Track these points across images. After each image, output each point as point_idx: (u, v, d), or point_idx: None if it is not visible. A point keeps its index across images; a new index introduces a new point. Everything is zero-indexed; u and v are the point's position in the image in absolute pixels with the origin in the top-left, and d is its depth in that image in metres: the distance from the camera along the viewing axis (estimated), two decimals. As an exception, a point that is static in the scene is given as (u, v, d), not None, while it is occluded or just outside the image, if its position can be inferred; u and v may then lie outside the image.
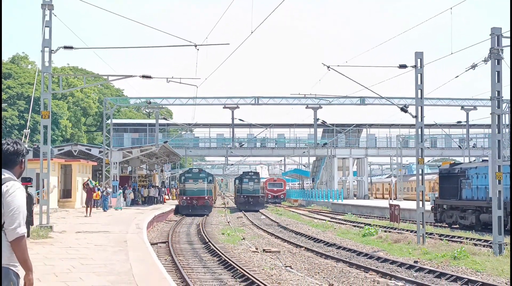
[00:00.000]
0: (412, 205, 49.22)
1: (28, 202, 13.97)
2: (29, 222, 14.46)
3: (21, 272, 5.75)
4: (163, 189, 73.27)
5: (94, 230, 28.27)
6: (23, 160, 6.08)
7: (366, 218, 54.27)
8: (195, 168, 69.34)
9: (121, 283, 13.53)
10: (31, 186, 23.74)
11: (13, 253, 5.64)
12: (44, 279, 13.81)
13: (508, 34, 25.60)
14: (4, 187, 5.59)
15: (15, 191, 5.63)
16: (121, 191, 52.18)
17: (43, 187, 27.34)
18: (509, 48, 25.77)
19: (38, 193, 26.60)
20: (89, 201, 40.38)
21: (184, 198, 57.81)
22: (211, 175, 62.68)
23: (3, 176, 5.73)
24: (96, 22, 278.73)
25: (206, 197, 58.42)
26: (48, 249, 20.27)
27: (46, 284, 13.16)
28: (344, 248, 29.21)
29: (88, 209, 39.38)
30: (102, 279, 14.02)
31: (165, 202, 69.80)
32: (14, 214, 5.55)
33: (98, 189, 47.00)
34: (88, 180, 45.27)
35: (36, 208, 26.30)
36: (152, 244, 26.00)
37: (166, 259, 23.56)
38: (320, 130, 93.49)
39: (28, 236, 17.11)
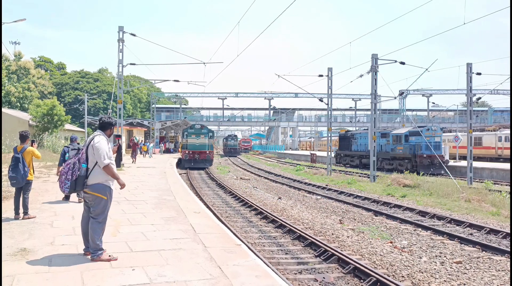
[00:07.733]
0: (323, 154, 49.69)
1: (119, 149, 13.95)
2: (120, 160, 14.18)
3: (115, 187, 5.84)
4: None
5: (146, 166, 28.05)
6: (112, 127, 6.49)
7: (297, 161, 54.63)
8: (198, 124, 39.61)
9: (165, 195, 13.51)
10: (121, 140, 24.01)
11: (106, 175, 5.99)
12: (122, 193, 13.77)
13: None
14: (95, 138, 6.00)
15: (99, 141, 6.00)
16: (152, 144, 45.96)
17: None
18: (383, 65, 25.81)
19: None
20: (134, 152, 33.70)
21: (187, 152, 36.54)
22: (212, 131, 38.94)
23: (95, 134, 6.13)
24: (147, 48, 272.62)
25: (208, 152, 37.21)
26: (121, 176, 20.02)
27: (123, 195, 13.13)
28: (285, 177, 29.43)
29: (133, 158, 33.08)
30: (154, 193, 13.98)
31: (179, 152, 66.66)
32: (100, 153, 5.91)
33: (142, 143, 45.02)
34: (133, 137, 40.82)
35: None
36: (179, 174, 25.93)
37: (187, 182, 23.56)
38: (272, 112, 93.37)
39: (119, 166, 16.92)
